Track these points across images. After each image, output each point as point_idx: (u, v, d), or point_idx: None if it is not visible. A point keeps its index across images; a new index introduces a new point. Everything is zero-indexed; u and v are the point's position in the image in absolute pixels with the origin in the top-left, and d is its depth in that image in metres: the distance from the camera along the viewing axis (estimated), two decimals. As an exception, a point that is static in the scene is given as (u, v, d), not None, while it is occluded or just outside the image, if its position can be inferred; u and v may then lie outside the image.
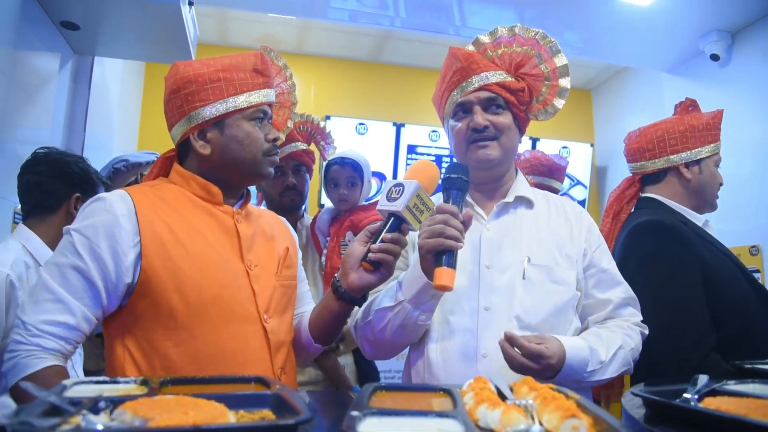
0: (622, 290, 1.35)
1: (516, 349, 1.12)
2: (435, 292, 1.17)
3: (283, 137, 2.00)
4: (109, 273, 1.09)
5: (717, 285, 1.53)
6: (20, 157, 1.78)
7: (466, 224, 1.14)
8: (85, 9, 2.36)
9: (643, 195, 1.83)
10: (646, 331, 1.34)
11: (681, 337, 1.47)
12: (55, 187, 1.70)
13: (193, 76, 1.21)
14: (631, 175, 1.89)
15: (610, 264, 1.36)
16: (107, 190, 1.86)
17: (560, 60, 1.38)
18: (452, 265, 1.10)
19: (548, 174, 2.72)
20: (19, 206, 1.76)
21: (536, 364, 1.11)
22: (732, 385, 0.92)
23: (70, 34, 2.59)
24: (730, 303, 1.54)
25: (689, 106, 1.86)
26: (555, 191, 2.75)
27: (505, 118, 1.34)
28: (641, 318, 1.35)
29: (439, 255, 1.11)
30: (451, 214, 1.13)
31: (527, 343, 1.11)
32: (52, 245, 1.68)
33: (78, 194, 1.73)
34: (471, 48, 1.44)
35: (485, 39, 1.42)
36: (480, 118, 1.33)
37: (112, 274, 1.09)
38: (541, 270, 1.28)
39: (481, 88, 1.35)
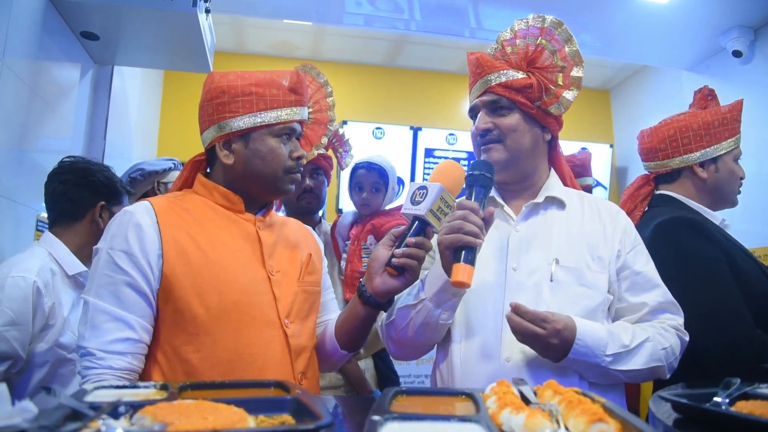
0: (659, 294, 1.27)
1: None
2: (456, 290, 1.15)
3: (315, 153, 2.01)
4: (151, 281, 1.12)
5: (741, 282, 1.48)
6: (42, 165, 1.80)
7: (487, 221, 1.12)
8: (104, 19, 2.40)
9: (658, 192, 1.77)
10: (687, 338, 1.25)
11: (730, 332, 1.40)
12: (81, 195, 1.73)
13: (227, 87, 1.24)
14: (646, 173, 1.82)
15: (646, 266, 1.29)
16: (130, 198, 1.89)
17: (571, 46, 1.32)
18: (471, 261, 1.08)
19: (579, 174, 2.68)
20: (42, 214, 1.79)
21: (541, 328, 1.09)
22: (765, 389, 0.88)
23: (90, 44, 2.63)
24: (755, 300, 1.47)
25: (707, 95, 1.79)
26: (588, 187, 2.73)
27: (510, 120, 1.31)
28: (681, 323, 1.27)
29: (457, 251, 1.09)
30: (471, 210, 1.11)
31: (533, 309, 1.10)
32: (78, 253, 1.70)
33: (103, 202, 1.75)
34: (493, 46, 1.41)
35: (505, 35, 1.39)
36: (481, 122, 1.32)
37: (153, 281, 1.12)
38: (570, 272, 1.24)
39: (485, 92, 1.33)
